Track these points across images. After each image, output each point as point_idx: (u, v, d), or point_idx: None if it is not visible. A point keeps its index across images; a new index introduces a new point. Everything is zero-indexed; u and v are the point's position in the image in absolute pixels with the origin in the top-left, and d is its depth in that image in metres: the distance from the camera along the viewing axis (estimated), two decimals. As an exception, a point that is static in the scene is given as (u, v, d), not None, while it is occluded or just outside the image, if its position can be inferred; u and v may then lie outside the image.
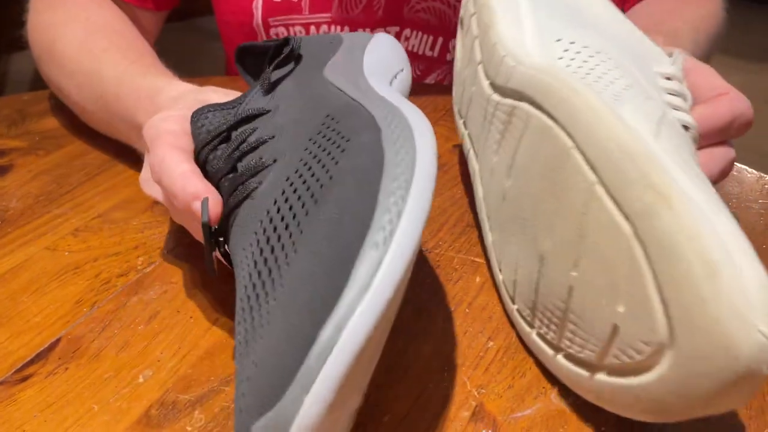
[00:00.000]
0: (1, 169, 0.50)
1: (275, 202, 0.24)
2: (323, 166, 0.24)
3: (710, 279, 0.22)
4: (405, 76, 0.36)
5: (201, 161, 0.31)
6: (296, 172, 0.25)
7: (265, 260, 0.23)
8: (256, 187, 0.27)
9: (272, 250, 0.23)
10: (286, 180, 0.25)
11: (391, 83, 0.34)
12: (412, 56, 0.64)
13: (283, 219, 0.24)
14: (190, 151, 0.33)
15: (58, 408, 0.29)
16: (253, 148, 0.29)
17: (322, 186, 0.23)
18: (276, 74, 0.34)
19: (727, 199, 0.42)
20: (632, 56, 0.32)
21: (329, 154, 0.24)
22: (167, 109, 0.38)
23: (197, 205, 0.28)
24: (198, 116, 0.32)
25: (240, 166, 0.29)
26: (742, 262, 0.22)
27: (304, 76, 0.32)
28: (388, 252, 0.20)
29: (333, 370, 0.19)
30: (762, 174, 0.45)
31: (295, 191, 0.24)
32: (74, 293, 0.37)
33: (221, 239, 0.29)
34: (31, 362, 0.32)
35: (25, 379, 0.31)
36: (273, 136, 0.28)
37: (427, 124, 0.25)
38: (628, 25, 0.35)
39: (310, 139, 0.26)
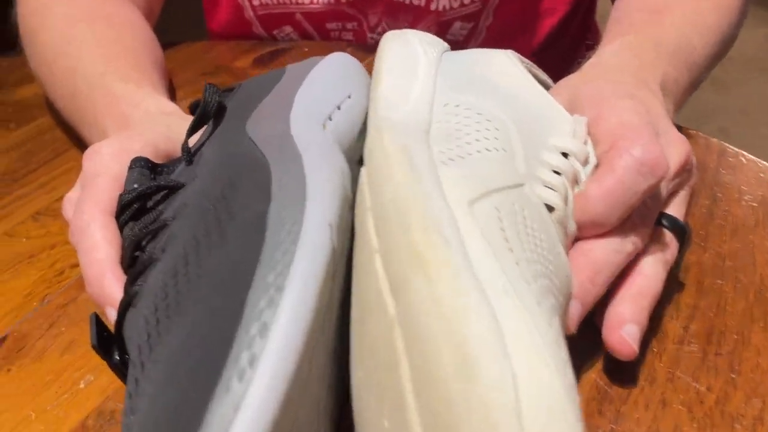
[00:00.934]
0: (-31, 144, 0.49)
1: (144, 315, 0.20)
2: (198, 261, 0.19)
3: (462, 379, 0.16)
4: (354, 103, 0.30)
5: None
6: (173, 270, 0.20)
7: (129, 394, 0.19)
8: (137, 291, 0.22)
9: (136, 383, 0.19)
10: (161, 283, 0.21)
11: (330, 117, 0.28)
12: (400, 7, 0.61)
13: (148, 337, 0.19)
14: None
15: (-5, 414, 0.29)
16: (152, 237, 0.24)
17: (188, 291, 0.19)
18: (198, 139, 0.29)
19: (717, 189, 0.40)
20: (527, 124, 0.27)
21: (209, 241, 0.20)
22: (133, 128, 0.35)
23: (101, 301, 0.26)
24: (127, 173, 0.28)
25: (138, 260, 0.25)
26: (524, 363, 0.16)
27: (225, 134, 0.28)
28: (248, 394, 0.15)
29: None
30: (760, 161, 0.42)
31: (165, 297, 0.20)
32: (26, 285, 0.36)
33: (115, 349, 0.25)
34: (-26, 362, 0.31)
35: (-34, 380, 0.30)
36: (174, 218, 0.24)
37: (328, 174, 0.21)
38: (537, 93, 0.30)
39: (202, 219, 0.22)
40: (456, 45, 0.43)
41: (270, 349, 0.16)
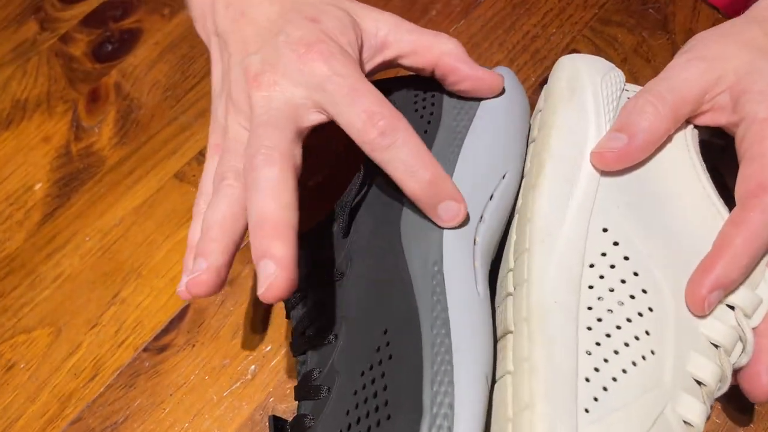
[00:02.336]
0: (131, 35, 0.50)
1: None
2: None
3: None
4: (507, 184, 0.29)
5: None
6: None
7: None
8: (311, 426, 0.27)
9: None
10: None
11: (482, 217, 0.28)
12: None
13: None
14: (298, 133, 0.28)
15: (187, 390, 0.37)
16: (316, 345, 0.28)
17: None
18: (349, 190, 0.30)
19: None
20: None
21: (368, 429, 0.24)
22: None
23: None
24: None
25: (306, 358, 0.29)
26: None
27: (380, 211, 0.29)
28: None
29: None
30: None
31: None
32: (198, 249, 0.41)
33: None
34: (167, 330, 0.39)
35: (162, 349, 0.38)
36: (336, 336, 0.27)
37: (479, 404, 0.23)
38: (708, 231, 0.27)
39: (362, 374, 0.25)
40: None
41: None
